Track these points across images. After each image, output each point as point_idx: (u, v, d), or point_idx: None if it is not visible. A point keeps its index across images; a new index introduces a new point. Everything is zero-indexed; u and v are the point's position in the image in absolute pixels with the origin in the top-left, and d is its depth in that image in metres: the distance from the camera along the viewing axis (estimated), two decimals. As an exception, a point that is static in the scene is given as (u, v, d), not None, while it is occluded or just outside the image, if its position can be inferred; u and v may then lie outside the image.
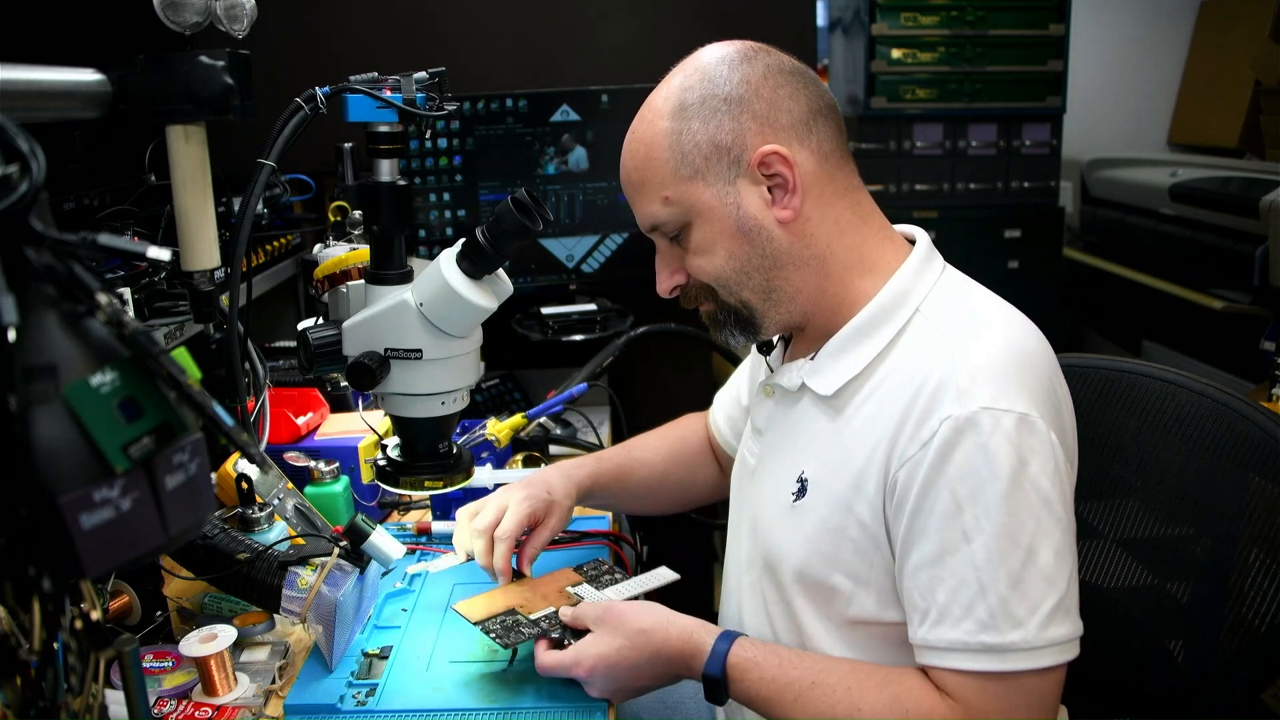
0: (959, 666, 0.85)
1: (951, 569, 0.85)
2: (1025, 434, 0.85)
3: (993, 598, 0.84)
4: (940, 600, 0.86)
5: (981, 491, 0.84)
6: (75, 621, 0.58)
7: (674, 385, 2.25)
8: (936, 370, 0.89)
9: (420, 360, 1.02)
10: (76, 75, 0.96)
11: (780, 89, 0.96)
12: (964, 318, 0.95)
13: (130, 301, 1.15)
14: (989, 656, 0.84)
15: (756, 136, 0.94)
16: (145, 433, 0.51)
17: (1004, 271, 2.94)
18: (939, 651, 0.86)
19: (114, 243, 0.53)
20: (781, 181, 0.95)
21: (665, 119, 0.96)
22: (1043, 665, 0.84)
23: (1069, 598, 0.85)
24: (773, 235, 0.96)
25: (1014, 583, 0.83)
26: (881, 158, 2.94)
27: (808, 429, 1.01)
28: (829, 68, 3.23)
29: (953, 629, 0.85)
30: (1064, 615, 0.85)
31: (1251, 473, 1.01)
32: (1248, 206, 2.57)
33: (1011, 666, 0.83)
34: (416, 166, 1.90)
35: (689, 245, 0.99)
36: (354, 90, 0.99)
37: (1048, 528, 0.85)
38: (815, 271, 0.98)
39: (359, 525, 1.09)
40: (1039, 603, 0.84)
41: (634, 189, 1.00)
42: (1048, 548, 0.84)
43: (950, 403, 0.86)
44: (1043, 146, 2.96)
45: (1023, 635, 0.83)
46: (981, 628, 0.84)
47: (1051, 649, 0.84)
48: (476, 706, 1.02)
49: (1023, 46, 2.88)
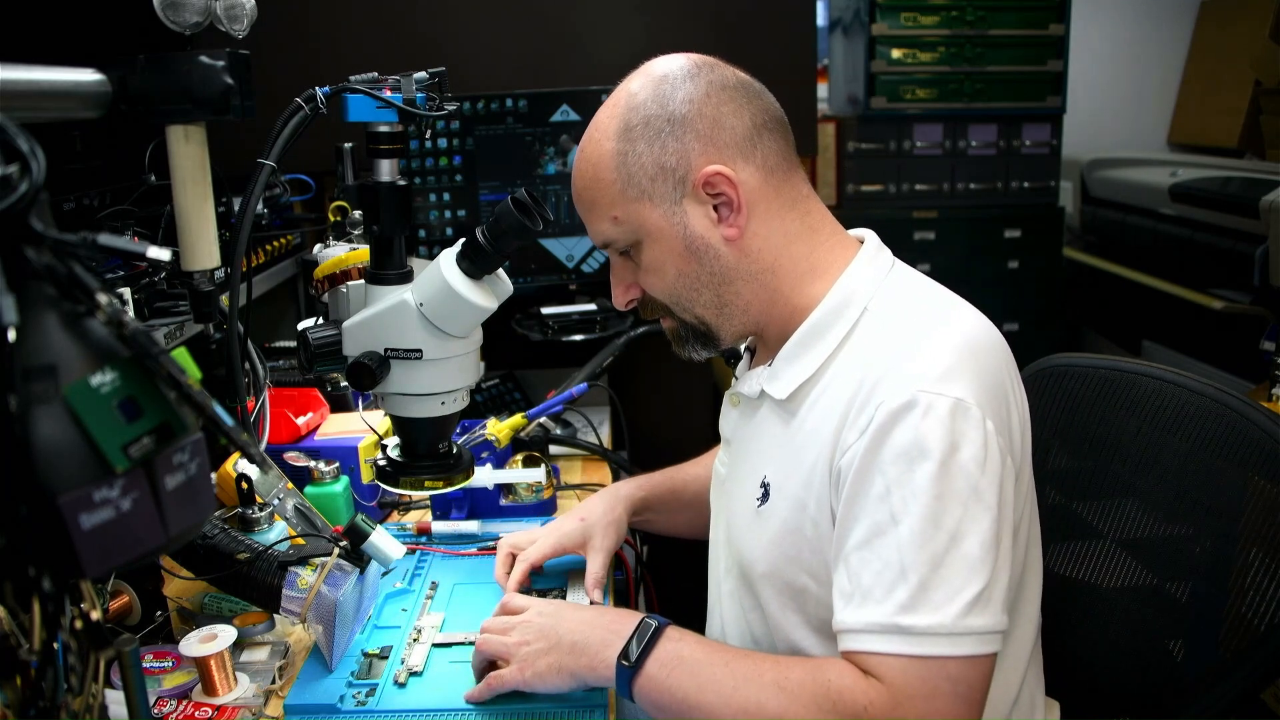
0: (875, 649, 0.84)
1: (877, 551, 0.85)
2: (959, 419, 0.85)
3: (913, 579, 0.83)
4: (865, 582, 0.85)
5: (910, 473, 0.84)
6: (75, 621, 0.58)
7: (674, 385, 2.25)
8: (880, 363, 0.90)
9: (420, 360, 1.02)
10: (76, 75, 0.96)
11: (723, 106, 0.97)
12: (913, 313, 0.96)
13: (130, 301, 1.15)
14: (903, 639, 0.83)
15: (700, 157, 0.96)
16: (145, 433, 0.51)
17: (1004, 271, 2.94)
18: (856, 633, 0.85)
19: (114, 243, 0.53)
20: (726, 200, 0.97)
21: (611, 139, 0.98)
22: (961, 653, 0.82)
23: (994, 589, 0.84)
24: (720, 253, 0.98)
25: (935, 566, 0.83)
26: (881, 158, 2.94)
27: (767, 434, 1.02)
28: (829, 68, 3.23)
29: (874, 610, 0.84)
30: (985, 605, 0.83)
31: (1251, 473, 1.01)
32: (1248, 206, 2.57)
33: (926, 651, 0.82)
34: (416, 166, 1.90)
35: (640, 262, 1.01)
36: (354, 90, 0.99)
37: (975, 515, 0.84)
38: (765, 284, 1.00)
39: (359, 525, 1.09)
40: (959, 590, 0.83)
41: (585, 206, 1.03)
42: (974, 536, 0.84)
43: (888, 389, 0.87)
44: (1043, 146, 2.96)
45: (939, 620, 0.82)
46: (900, 609, 0.83)
47: (969, 638, 0.82)
48: (476, 706, 1.02)
49: (1023, 46, 2.88)
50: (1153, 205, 3.05)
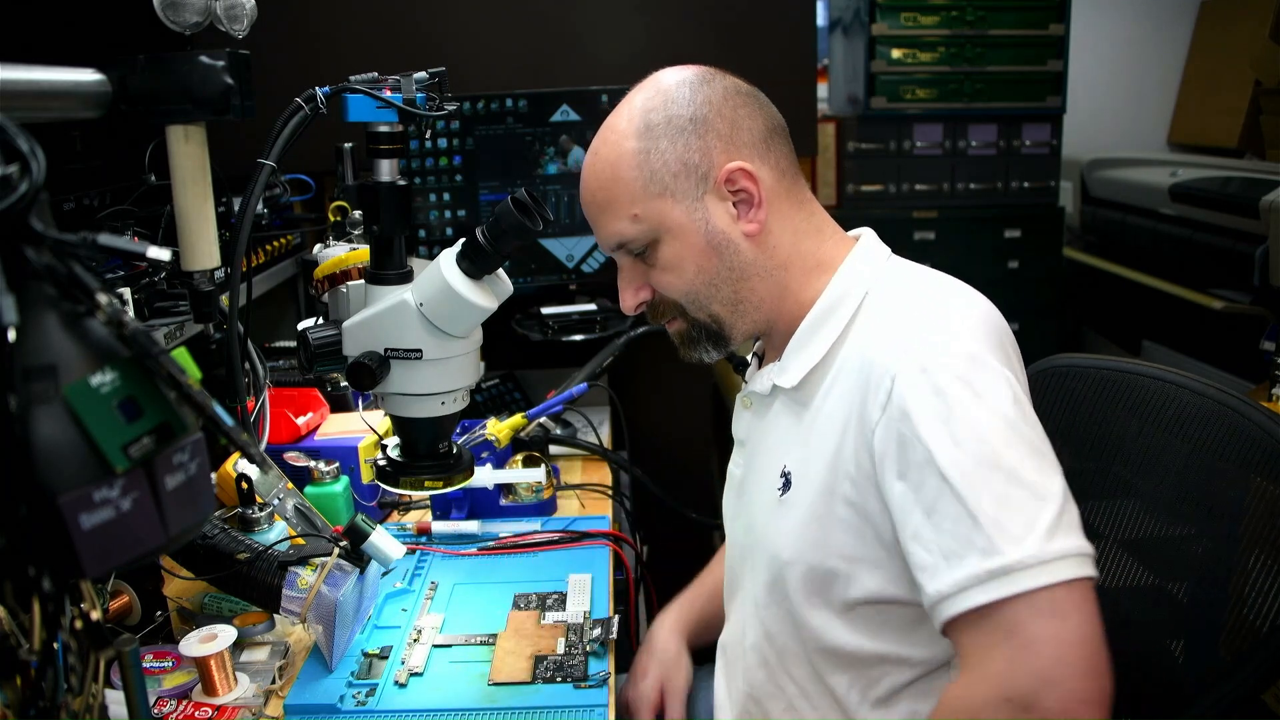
0: (975, 603, 0.80)
1: (943, 513, 0.84)
2: (976, 370, 0.86)
3: (987, 524, 0.81)
4: (943, 546, 0.83)
5: (946, 430, 0.84)
6: (75, 621, 0.58)
7: (674, 385, 2.25)
8: (888, 339, 0.92)
9: (420, 360, 1.01)
10: (76, 75, 0.96)
11: (740, 109, 1.01)
12: (915, 293, 0.98)
13: (130, 301, 1.15)
14: (999, 582, 0.79)
15: (722, 154, 0.99)
16: (145, 433, 0.51)
17: (1004, 271, 2.94)
18: (952, 598, 0.82)
19: (114, 243, 0.53)
20: (746, 197, 1.00)
21: (631, 139, 1.00)
22: (1058, 579, 0.79)
23: (1068, 515, 0.82)
24: (740, 248, 1.00)
25: (1002, 504, 0.81)
26: (881, 158, 2.94)
27: (783, 426, 1.04)
28: (829, 68, 3.23)
29: (959, 568, 0.81)
30: (1067, 530, 0.81)
31: (1252, 473, 1.01)
32: (1248, 206, 2.57)
33: (1023, 587, 0.79)
34: (416, 166, 1.90)
35: (656, 261, 1.02)
36: (354, 90, 0.99)
37: (1020, 451, 0.83)
38: (778, 280, 1.02)
39: (359, 525, 1.09)
40: (1034, 518, 0.81)
41: (599, 208, 1.03)
42: (1029, 468, 0.83)
43: (900, 361, 0.88)
44: (1043, 146, 2.96)
45: (1026, 551, 0.79)
46: (984, 556, 0.80)
47: (1067, 560, 0.79)
48: (477, 706, 1.02)
49: (1023, 46, 2.88)
50: (1153, 205, 3.05)
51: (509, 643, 1.13)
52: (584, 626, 1.16)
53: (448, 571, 1.32)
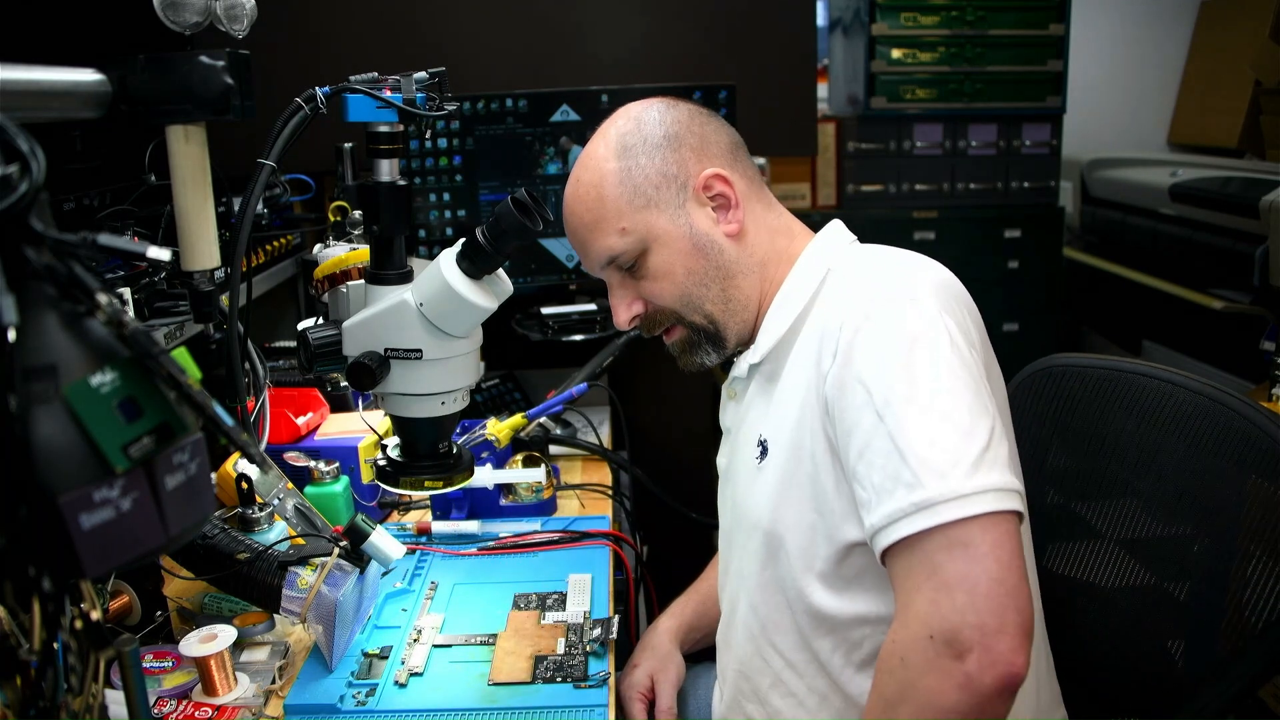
0: (901, 534, 0.84)
1: (876, 450, 0.88)
2: (913, 314, 0.91)
3: (913, 459, 0.85)
4: (876, 482, 0.87)
5: (883, 371, 0.89)
6: (75, 621, 0.58)
7: (674, 385, 2.25)
8: (845, 303, 0.97)
9: (420, 360, 1.02)
10: (76, 75, 0.96)
11: (706, 125, 1.10)
12: (873, 265, 1.03)
13: (130, 301, 1.15)
14: (922, 514, 0.83)
15: (696, 164, 1.07)
16: (145, 433, 0.51)
17: (1004, 271, 2.94)
18: (881, 531, 0.86)
19: (114, 243, 0.53)
20: (724, 200, 1.08)
21: (612, 160, 1.07)
22: (980, 511, 0.82)
23: (994, 451, 0.85)
24: (723, 248, 1.07)
25: (930, 441, 0.85)
26: (881, 158, 2.93)
27: (758, 401, 1.09)
28: (829, 68, 3.23)
29: (888, 502, 0.86)
30: (992, 465, 0.84)
31: (1250, 472, 1.01)
32: (1248, 206, 2.57)
33: (944, 518, 0.82)
34: (416, 166, 1.90)
35: (646, 273, 1.08)
36: (354, 90, 0.99)
37: (952, 388, 0.88)
38: (760, 276, 1.09)
39: (359, 525, 1.09)
40: (959, 455, 0.84)
41: (587, 229, 1.09)
42: (959, 406, 0.87)
43: (850, 315, 0.94)
44: (1043, 146, 2.96)
45: (947, 485, 0.83)
46: (909, 489, 0.84)
47: (986, 495, 0.83)
48: (476, 706, 1.02)
49: (1023, 46, 2.88)
50: (1153, 205, 3.04)
51: (509, 643, 1.14)
52: (584, 626, 1.17)
53: (448, 571, 1.33)
